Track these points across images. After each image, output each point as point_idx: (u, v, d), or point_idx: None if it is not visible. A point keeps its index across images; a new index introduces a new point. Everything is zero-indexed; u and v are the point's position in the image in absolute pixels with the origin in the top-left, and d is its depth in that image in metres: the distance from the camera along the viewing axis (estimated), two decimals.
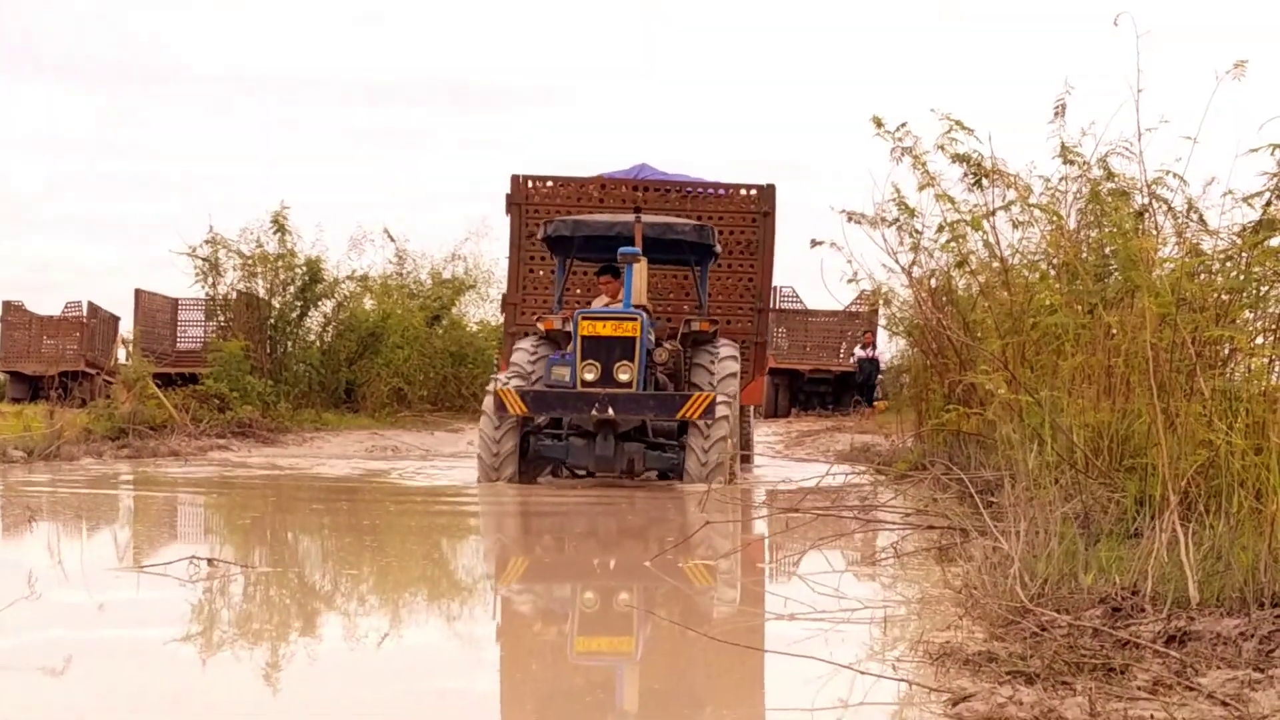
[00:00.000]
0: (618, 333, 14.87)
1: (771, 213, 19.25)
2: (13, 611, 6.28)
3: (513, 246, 19.47)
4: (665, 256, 17.42)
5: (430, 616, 7.33)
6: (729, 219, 19.11)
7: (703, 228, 16.60)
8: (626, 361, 14.79)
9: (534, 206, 19.27)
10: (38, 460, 17.14)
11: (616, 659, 6.21)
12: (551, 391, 14.97)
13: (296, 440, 23.88)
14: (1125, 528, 7.42)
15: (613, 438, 14.92)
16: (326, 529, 11.41)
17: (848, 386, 38.93)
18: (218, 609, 7.09)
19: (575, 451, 15.30)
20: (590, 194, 19.28)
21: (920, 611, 6.68)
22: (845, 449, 21.40)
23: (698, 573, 8.67)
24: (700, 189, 19.49)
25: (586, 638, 6.76)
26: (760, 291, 19.40)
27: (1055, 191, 11.97)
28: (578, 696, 5.27)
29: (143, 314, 35.84)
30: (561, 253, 17.22)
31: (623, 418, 14.78)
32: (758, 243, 19.19)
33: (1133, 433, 8.48)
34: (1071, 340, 9.62)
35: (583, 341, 14.90)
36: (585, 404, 14.65)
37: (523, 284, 19.48)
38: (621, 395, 14.63)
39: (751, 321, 19.35)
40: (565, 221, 16.64)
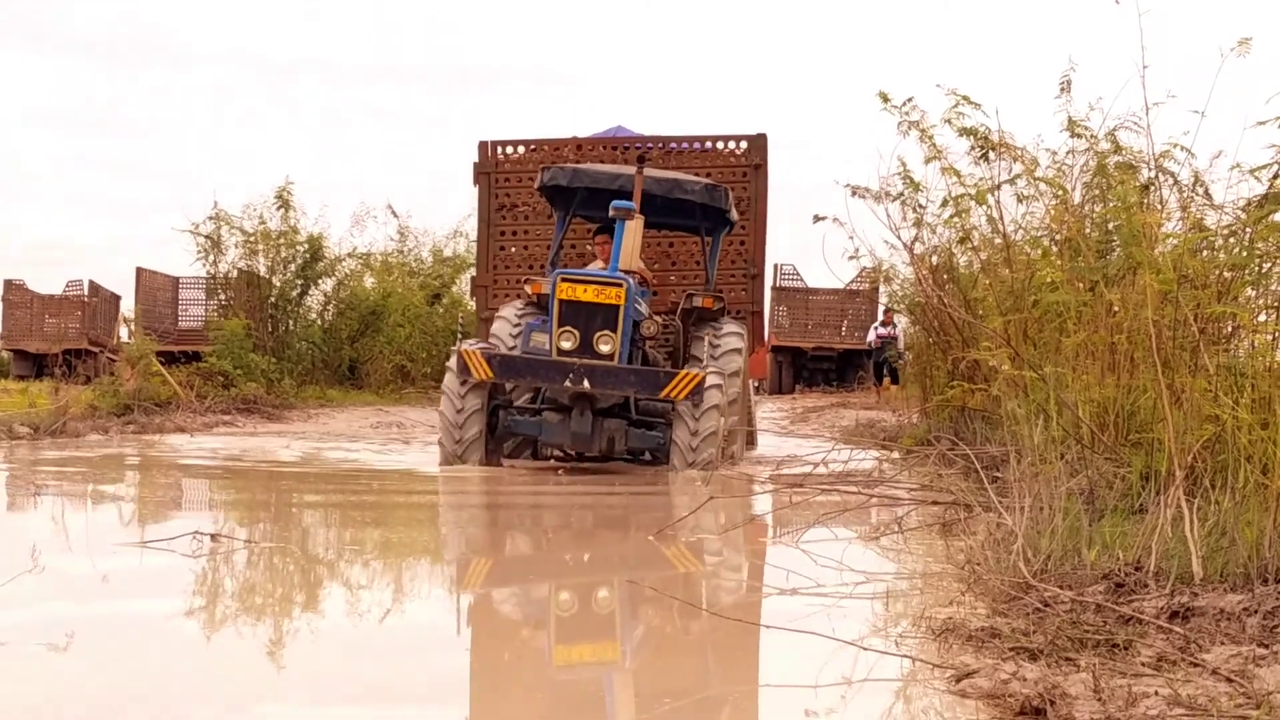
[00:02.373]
0: (599, 299, 13.41)
1: (763, 165, 17.52)
2: (16, 585, 6.28)
3: (481, 221, 17.97)
4: (672, 220, 16.10)
5: (435, 588, 7.32)
6: (715, 175, 16.96)
7: (715, 188, 14.89)
8: (608, 332, 13.39)
9: (504, 175, 17.75)
10: (44, 436, 17.15)
11: (614, 639, 6.18)
12: (521, 357, 13.64)
13: (301, 416, 23.92)
14: (1130, 503, 7.40)
15: (590, 413, 13.51)
16: (326, 506, 11.40)
17: (851, 364, 39.03)
18: (220, 584, 7.09)
19: (549, 428, 13.77)
20: (565, 157, 17.28)
21: (923, 587, 6.67)
22: (850, 425, 21.31)
23: (699, 548, 8.66)
24: (684, 144, 17.76)
25: (584, 616, 6.75)
26: (753, 255, 17.58)
27: (1062, 165, 11.93)
28: (574, 675, 5.27)
29: (144, 293, 35.91)
30: (560, 206, 15.64)
31: (600, 392, 13.35)
32: (749, 200, 17.44)
33: (1138, 408, 8.46)
34: (1074, 318, 9.59)
35: (560, 306, 13.44)
36: (558, 373, 13.28)
37: (493, 263, 17.82)
38: (599, 367, 13.25)
39: (745, 289, 17.54)
40: (563, 169, 14.98)
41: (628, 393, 13.53)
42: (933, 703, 4.56)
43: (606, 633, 6.26)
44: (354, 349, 31.85)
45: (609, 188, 14.51)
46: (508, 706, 4.85)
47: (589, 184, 14.80)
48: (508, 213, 17.64)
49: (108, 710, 4.50)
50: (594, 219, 15.93)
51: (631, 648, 5.84)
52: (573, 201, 15.33)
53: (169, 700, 4.65)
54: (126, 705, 4.57)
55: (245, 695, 4.77)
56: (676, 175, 15.29)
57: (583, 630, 6.34)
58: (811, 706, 4.59)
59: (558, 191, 15.25)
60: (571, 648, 5.79)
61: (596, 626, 6.45)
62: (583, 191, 15.04)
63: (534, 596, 7.17)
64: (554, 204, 15.78)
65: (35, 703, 4.56)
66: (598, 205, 14.73)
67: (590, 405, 13.47)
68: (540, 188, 15.26)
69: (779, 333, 38.80)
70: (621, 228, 13.68)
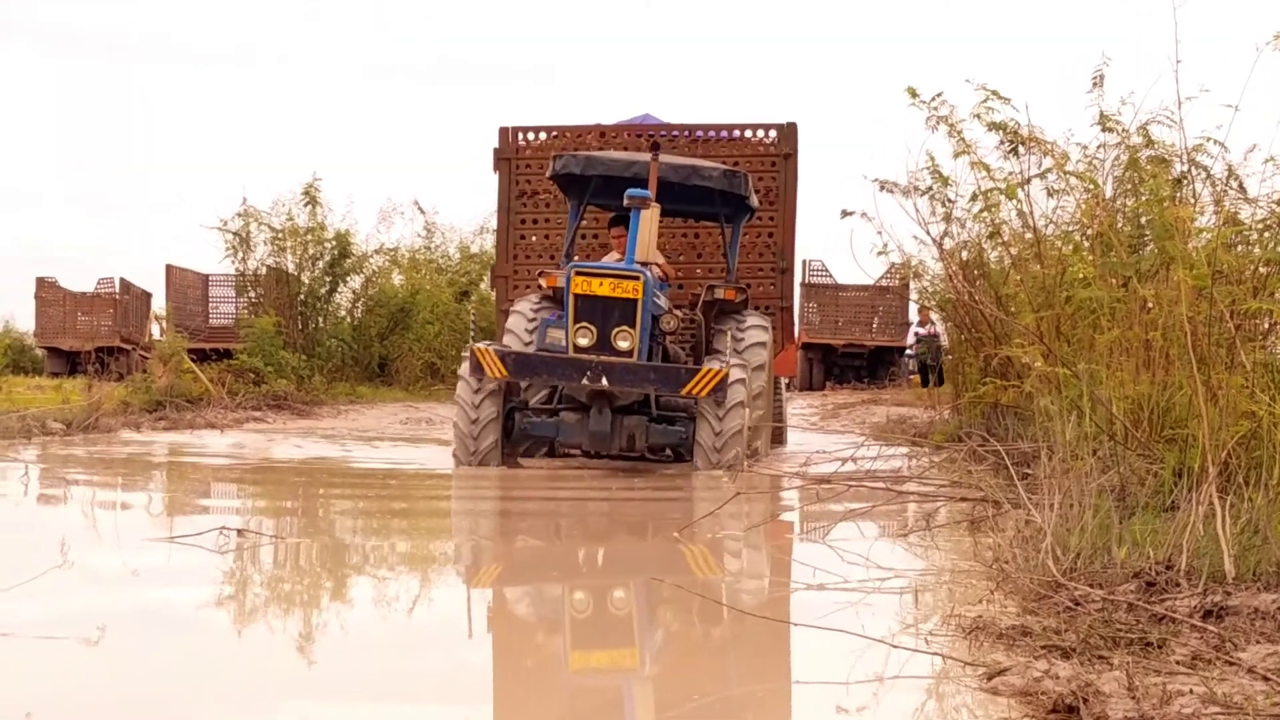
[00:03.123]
0: (616, 293, 12.93)
1: (793, 155, 17.05)
2: (45, 580, 6.28)
3: (501, 209, 17.52)
4: (690, 208, 15.64)
5: (461, 587, 7.30)
6: (743, 164, 16.43)
7: (734, 174, 14.31)
8: (626, 327, 12.91)
9: (525, 161, 17.27)
10: (76, 431, 17.19)
11: (641, 636, 6.15)
12: (536, 355, 13.12)
13: (331, 413, 23.95)
14: (1162, 500, 7.34)
15: (609, 411, 13.10)
16: (355, 501, 11.40)
17: (882, 361, 38.94)
18: (247, 579, 7.08)
19: (566, 428, 13.37)
20: (588, 144, 16.97)
21: (952, 584, 6.63)
22: (881, 421, 21.20)
23: (725, 545, 8.64)
24: (710, 132, 17.33)
25: (609, 614, 6.72)
26: (782, 248, 17.13)
27: (1093, 159, 11.86)
28: (598, 677, 5.25)
29: (174, 290, 36.02)
30: (574, 195, 15.07)
31: (619, 389, 12.89)
32: (778, 190, 16.99)
33: (1173, 404, 8.40)
34: (1107, 314, 9.53)
35: (576, 301, 12.97)
36: (575, 371, 12.81)
37: (513, 253, 17.37)
38: (618, 364, 12.74)
39: (774, 284, 17.14)
40: (575, 157, 14.39)
41: (647, 390, 13.06)
42: (965, 700, 4.53)
43: (632, 630, 6.22)
44: (383, 346, 31.92)
45: (623, 175, 13.96)
46: (536, 700, 4.83)
47: (602, 171, 14.28)
48: (528, 200, 17.25)
49: (138, 704, 4.49)
50: (610, 207, 15.52)
51: (659, 644, 5.81)
52: (586, 190, 14.81)
53: (197, 695, 4.64)
54: (156, 700, 4.56)
55: (273, 691, 4.75)
56: (694, 161, 14.81)
57: (608, 628, 6.32)
58: (843, 703, 4.56)
59: (570, 180, 14.76)
60: (592, 652, 5.75)
61: (622, 624, 6.42)
62: (597, 180, 14.50)
63: (559, 594, 7.15)
64: (567, 193, 15.37)
65: (66, 697, 4.56)
66: (613, 193, 14.15)
67: (609, 403, 13.08)
68: (552, 176, 14.78)
69: (809, 329, 38.68)
70: (637, 217, 13.19)
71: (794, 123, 17.19)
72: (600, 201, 15.39)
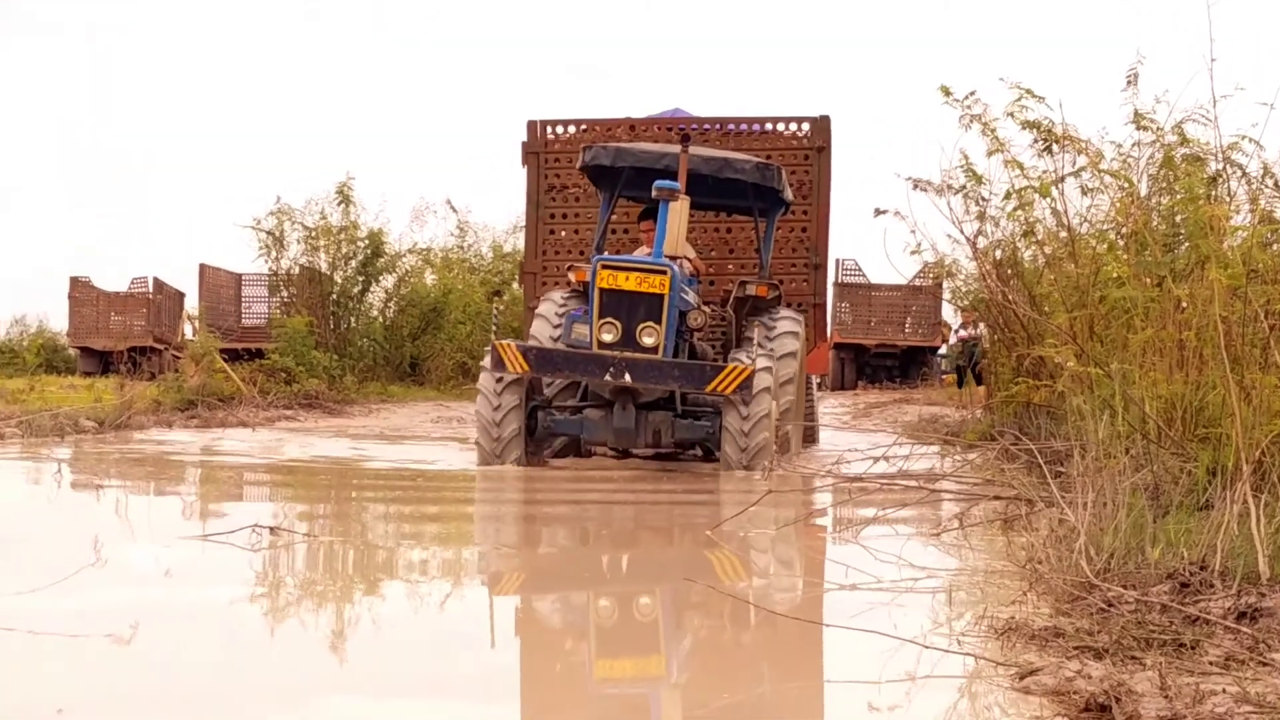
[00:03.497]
0: (642, 288, 12.63)
1: (827, 148, 16.79)
2: (78, 578, 6.30)
3: (530, 204, 17.19)
4: (723, 201, 15.41)
5: (493, 584, 7.30)
6: (775, 157, 16.17)
7: (767, 167, 14.00)
8: (651, 323, 12.62)
9: (554, 155, 17.01)
10: (108, 430, 17.27)
11: (670, 635, 6.14)
12: (558, 350, 12.97)
13: (362, 412, 24.01)
14: (1196, 499, 7.31)
15: (633, 407, 12.87)
16: (385, 497, 11.41)
17: (914, 361, 38.88)
18: (281, 577, 7.10)
19: (591, 425, 13.12)
20: (617, 138, 16.51)
21: (984, 584, 6.60)
22: (913, 421, 21.15)
23: (756, 543, 8.62)
24: (742, 125, 17.05)
25: (640, 613, 6.71)
26: (815, 244, 16.85)
27: (1127, 158, 11.81)
28: (626, 683, 5.25)
29: (207, 289, 36.15)
30: (605, 187, 14.89)
31: (642, 386, 12.63)
32: (811, 185, 16.73)
33: (1206, 404, 8.36)
34: (1141, 314, 9.49)
35: (601, 295, 12.71)
36: (598, 367, 12.54)
37: (542, 248, 17.14)
38: (641, 360, 12.46)
39: (807, 280, 16.87)
40: (605, 148, 14.12)
41: (671, 387, 12.75)
42: (996, 699, 4.51)
43: (665, 631, 6.21)
44: (415, 346, 31.99)
45: (654, 167, 13.75)
46: (570, 698, 4.83)
47: (633, 163, 14.02)
48: (557, 194, 17.03)
49: (170, 702, 4.50)
50: (641, 199, 15.14)
51: (691, 645, 5.80)
52: (618, 182, 14.56)
53: (230, 692, 4.65)
54: (188, 697, 4.57)
55: (305, 688, 4.76)
56: (726, 154, 14.49)
57: (640, 630, 6.31)
58: (875, 702, 4.55)
59: (601, 172, 14.55)
60: (622, 656, 5.72)
61: (653, 626, 6.41)
62: (629, 171, 14.25)
63: (589, 596, 7.14)
64: (598, 185, 15.19)
65: (98, 694, 4.58)
66: (644, 185, 13.73)
67: (633, 399, 12.85)
68: (582, 167, 14.55)
69: (841, 329, 38.63)
70: (665, 210, 12.85)
71: (827, 116, 16.95)
72: (631, 194, 15.06)
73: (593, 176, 14.97)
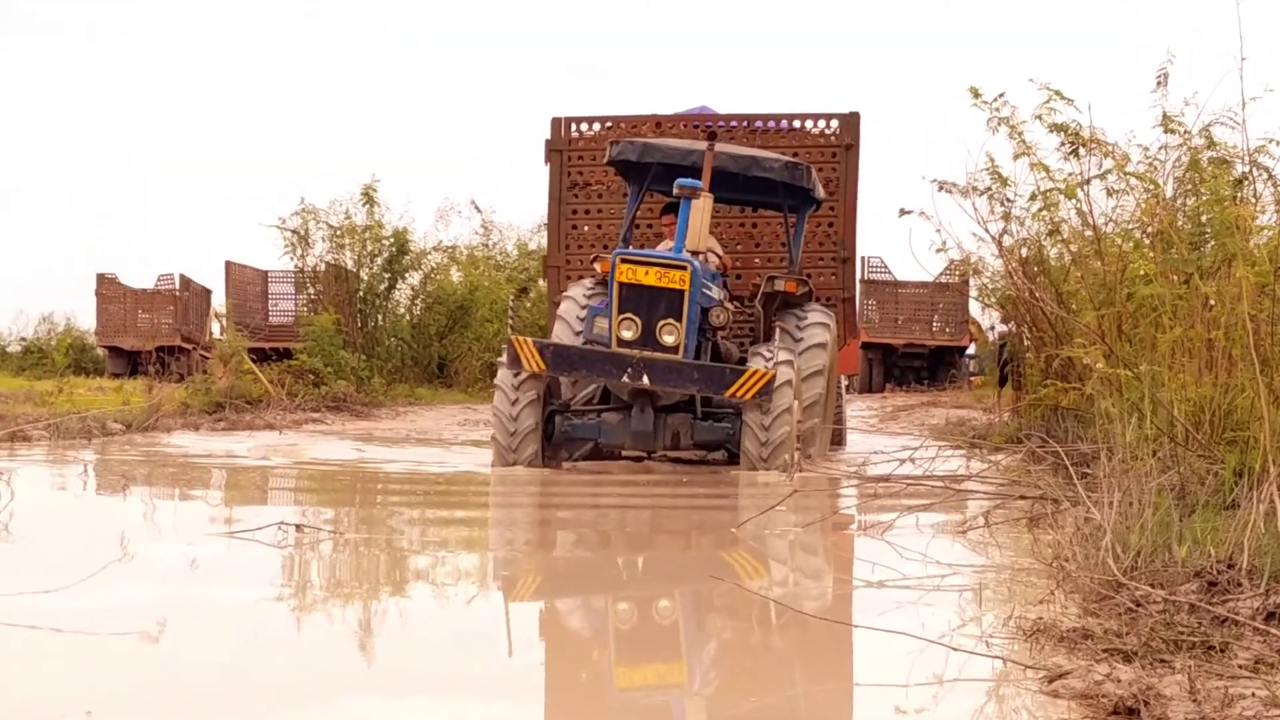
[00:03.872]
0: (662, 283, 12.25)
1: (855, 145, 16.55)
2: (106, 574, 6.34)
3: (552, 200, 16.97)
4: (753, 198, 15.29)
5: (519, 584, 7.30)
6: (803, 156, 15.90)
7: (796, 166, 13.80)
8: (672, 320, 12.24)
9: (577, 153, 16.81)
10: (136, 432, 17.30)
11: (697, 636, 6.14)
12: (575, 349, 12.63)
13: (390, 414, 24.02)
14: (1222, 499, 7.29)
15: (651, 409, 12.53)
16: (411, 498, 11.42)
17: (942, 361, 38.72)
18: (307, 574, 7.11)
19: (608, 429, 12.86)
20: (643, 135, 16.17)
21: (1011, 583, 6.59)
22: (941, 424, 21.10)
23: (782, 542, 8.61)
24: (769, 123, 16.77)
25: (666, 612, 6.71)
26: (843, 239, 16.53)
27: (1154, 160, 11.78)
28: (650, 688, 5.25)
29: (234, 287, 36.12)
30: (634, 181, 14.66)
31: (660, 389, 12.30)
32: (838, 181, 16.40)
33: (1235, 406, 8.33)
34: (1169, 312, 9.46)
35: (620, 290, 12.34)
36: (615, 367, 12.22)
37: (565, 243, 16.94)
38: (660, 361, 12.11)
39: (835, 274, 16.52)
40: (632, 144, 14.04)
41: (690, 390, 12.40)
42: (1025, 702, 4.50)
43: (692, 631, 6.21)
44: (443, 346, 31.99)
45: (681, 164, 13.45)
46: (595, 697, 4.84)
47: (660, 159, 13.80)
48: (580, 191, 16.88)
49: (198, 701, 4.51)
50: (669, 195, 14.26)
51: (719, 645, 5.80)
52: (646, 177, 14.36)
53: (257, 691, 4.67)
54: (216, 696, 4.58)
55: (330, 687, 4.77)
56: (754, 152, 14.28)
57: (664, 632, 6.31)
58: (902, 705, 4.54)
59: (628, 166, 14.37)
60: (638, 667, 5.69)
61: (678, 627, 6.40)
62: (656, 167, 14.02)
63: (615, 593, 7.14)
64: (626, 179, 15.01)
65: (127, 689, 4.60)
66: (671, 181, 13.25)
67: (651, 401, 12.53)
68: (610, 161, 14.41)
69: (868, 328, 38.35)
70: (687, 207, 12.55)
71: (856, 112, 16.72)
72: (660, 188, 14.63)
73: (621, 170, 14.84)
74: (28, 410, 18.56)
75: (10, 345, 44.10)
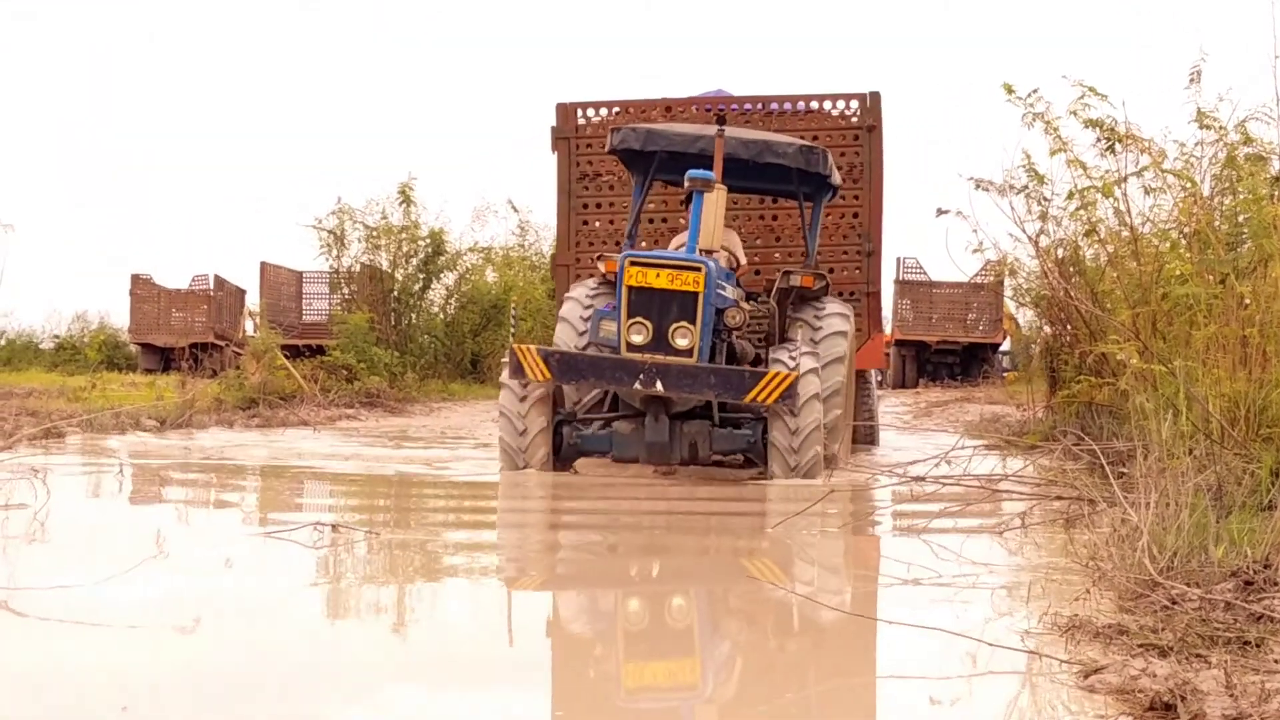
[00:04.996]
0: (675, 285, 11.51)
1: (877, 127, 15.68)
2: (141, 570, 6.38)
3: (561, 192, 16.04)
4: (765, 186, 14.31)
5: (552, 582, 7.31)
6: (822, 138, 15.41)
7: (812, 150, 12.82)
8: (686, 323, 11.49)
9: (585, 140, 15.85)
10: (170, 429, 17.36)
11: (732, 632, 6.14)
12: (583, 356, 11.85)
13: (423, 410, 24.08)
14: (1259, 500, 7.26)
15: (666, 418, 11.73)
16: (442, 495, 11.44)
17: (975, 358, 38.89)
18: (343, 573, 7.13)
19: (621, 440, 11.97)
20: (653, 120, 15.48)
21: (1046, 581, 6.57)
22: (975, 420, 21.03)
23: (820, 539, 8.61)
24: (786, 105, 15.93)
25: (702, 608, 6.72)
26: (868, 229, 15.67)
27: (1190, 157, 11.72)
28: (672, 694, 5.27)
29: (268, 287, 36.35)
30: (638, 171, 13.84)
31: (675, 395, 11.52)
32: (862, 166, 15.62)
33: (1270, 403, 8.31)
34: (1204, 311, 9.44)
35: (629, 294, 11.58)
36: (626, 374, 11.42)
37: (574, 239, 15.98)
38: (674, 366, 11.35)
39: (859, 268, 15.70)
40: (635, 131, 13.02)
41: (707, 396, 11.59)
42: (1060, 696, 4.49)
43: (726, 627, 6.21)
44: (476, 343, 32.07)
45: (689, 150, 12.80)
46: (607, 693, 4.86)
47: (665, 146, 12.99)
48: (590, 183, 16.02)
49: (232, 698, 4.52)
50: (678, 184, 13.62)
51: (756, 639, 5.81)
52: (651, 166, 13.54)
53: (298, 680, 4.69)
54: (250, 687, 4.60)
55: (371, 677, 4.79)
56: (766, 136, 13.37)
57: (698, 623, 6.31)
58: (937, 695, 4.55)
59: (632, 155, 13.52)
60: (657, 665, 5.70)
61: (715, 622, 6.41)
62: (661, 155, 13.27)
63: (655, 588, 7.15)
64: (630, 168, 14.13)
65: (168, 682, 4.62)
66: (681, 169, 12.57)
67: (665, 409, 11.72)
68: (611, 150, 13.35)
69: (902, 326, 38.75)
70: (700, 201, 11.80)
71: (877, 92, 15.85)
72: (668, 178, 14.02)
73: (624, 160, 13.99)
74: (61, 406, 18.68)
75: (44, 342, 44.39)
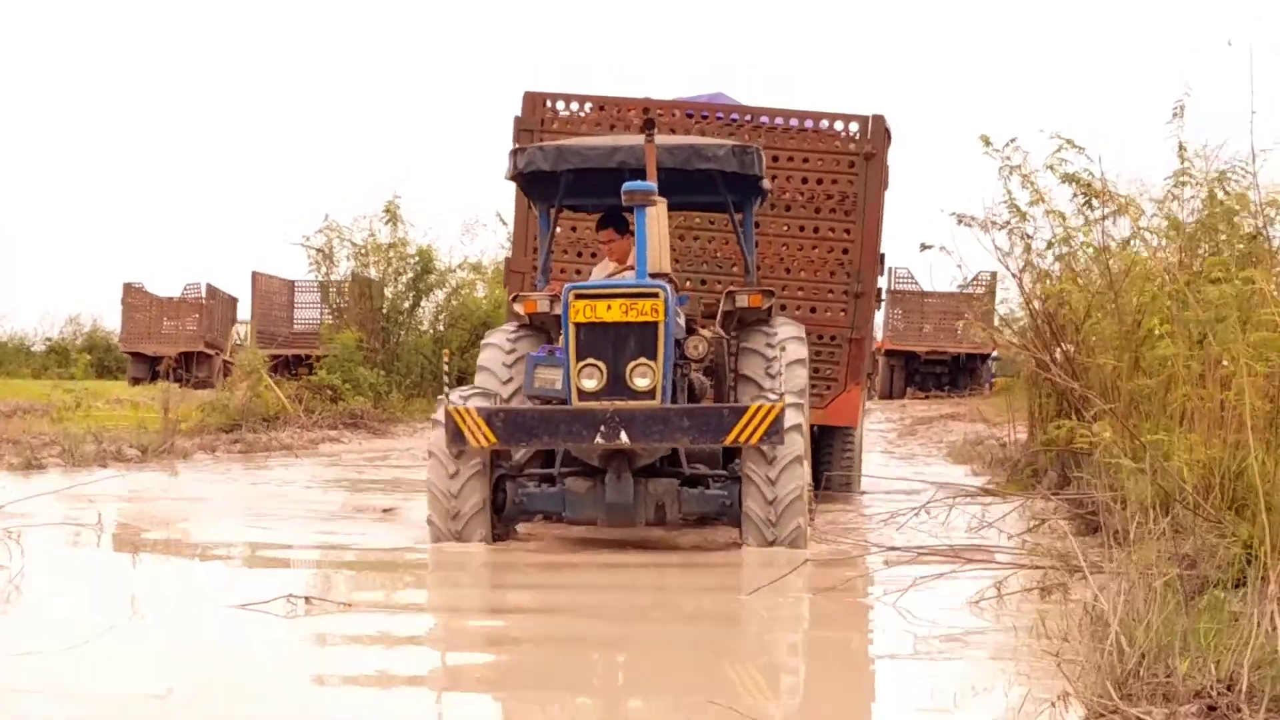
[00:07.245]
0: (630, 317, 10.05)
1: (877, 155, 13.75)
2: (110, 646, 6.47)
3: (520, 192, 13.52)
4: (689, 199, 12.28)
5: None
6: (814, 161, 13.82)
7: (746, 149, 11.18)
8: (645, 360, 10.04)
9: (552, 135, 13.53)
10: (150, 458, 17.27)
11: None
12: (532, 411, 10.42)
13: (407, 431, 24.05)
14: (1233, 575, 7.22)
15: (629, 474, 10.30)
16: None
17: (964, 368, 38.98)
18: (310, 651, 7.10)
19: (575, 500, 10.56)
20: (630, 121, 13.80)
21: (1015, 675, 6.52)
22: (959, 441, 21.01)
23: (793, 610, 8.57)
24: (779, 119, 14.13)
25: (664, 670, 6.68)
26: (858, 269, 13.84)
27: (1169, 214, 11.71)
28: None
29: (260, 296, 36.51)
30: (541, 198, 12.10)
31: (644, 445, 10.11)
32: (855, 197, 13.77)
33: (1245, 468, 8.27)
34: (1183, 369, 9.41)
35: (577, 332, 10.11)
36: (586, 427, 9.92)
37: (533, 244, 13.70)
38: (639, 412, 9.91)
39: (845, 310, 13.83)
40: (544, 150, 11.33)
41: (681, 442, 10.30)
42: None
43: None
44: (464, 360, 31.98)
45: (604, 166, 11.14)
46: None
47: (580, 164, 11.20)
48: None
49: None
50: (585, 208, 12.69)
51: None
52: (556, 191, 11.77)
53: None
54: None
55: None
56: (694, 140, 11.86)
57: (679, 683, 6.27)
58: None
59: (535, 180, 11.69)
60: None
61: None
62: (567, 176, 11.47)
63: (637, 657, 7.11)
64: (532, 197, 12.42)
65: None
66: (591, 191, 11.64)
67: (629, 464, 10.32)
68: (512, 177, 11.57)
69: (892, 335, 38.79)
70: (643, 217, 10.30)
71: (880, 115, 13.92)
72: (576, 202, 12.55)
73: (527, 189, 12.28)
74: (43, 429, 18.67)
75: (35, 345, 44.49)
